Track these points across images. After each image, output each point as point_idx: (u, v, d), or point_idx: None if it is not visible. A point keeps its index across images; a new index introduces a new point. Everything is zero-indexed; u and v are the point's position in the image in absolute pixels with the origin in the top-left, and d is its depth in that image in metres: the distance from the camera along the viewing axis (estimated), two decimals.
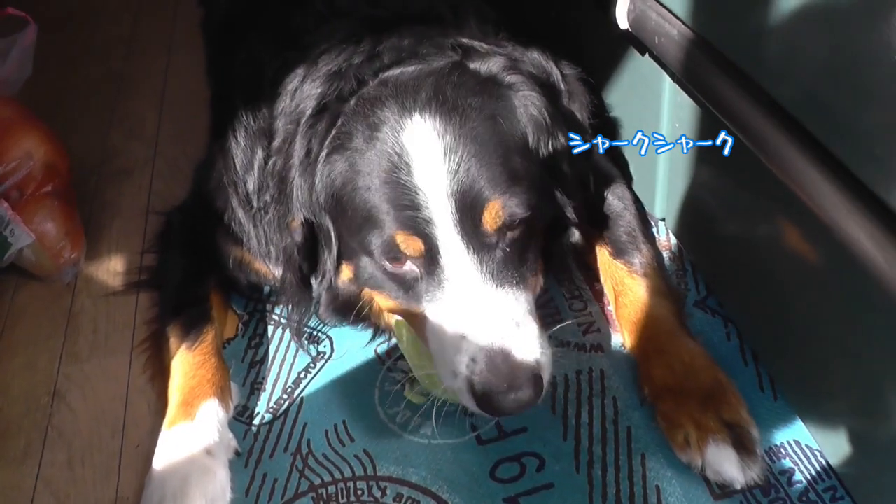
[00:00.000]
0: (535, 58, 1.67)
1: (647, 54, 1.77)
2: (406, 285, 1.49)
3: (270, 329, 1.91)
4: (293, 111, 1.61)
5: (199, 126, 2.25)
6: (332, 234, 1.56)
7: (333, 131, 1.50)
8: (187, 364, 1.70)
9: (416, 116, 1.42)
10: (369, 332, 1.76)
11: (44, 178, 2.17)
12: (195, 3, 2.61)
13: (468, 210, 1.39)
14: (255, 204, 1.71)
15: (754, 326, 1.68)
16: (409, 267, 1.46)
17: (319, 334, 1.87)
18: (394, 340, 1.76)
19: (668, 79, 1.72)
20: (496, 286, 1.42)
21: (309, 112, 1.56)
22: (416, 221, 1.40)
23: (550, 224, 1.61)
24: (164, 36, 3.32)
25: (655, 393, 1.59)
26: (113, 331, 1.99)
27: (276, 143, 1.64)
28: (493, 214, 1.41)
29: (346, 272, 1.60)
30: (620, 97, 2.00)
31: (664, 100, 1.75)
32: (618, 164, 1.98)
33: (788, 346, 1.55)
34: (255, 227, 1.74)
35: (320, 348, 1.84)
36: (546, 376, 1.42)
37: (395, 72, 1.53)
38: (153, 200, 2.38)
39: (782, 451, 1.51)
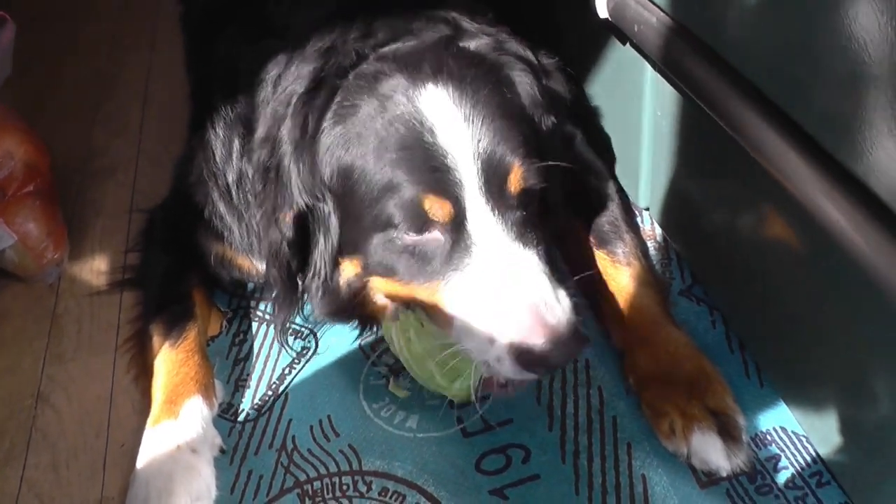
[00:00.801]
0: (514, 45, 1.66)
1: (627, 43, 1.76)
2: (426, 259, 1.43)
3: (255, 326, 1.90)
4: (281, 95, 1.55)
5: (183, 123, 2.22)
6: (335, 220, 1.49)
7: (334, 106, 1.45)
8: (170, 362, 1.69)
9: (430, 85, 1.40)
10: (356, 328, 1.74)
11: (25, 178, 2.15)
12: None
13: (494, 174, 1.38)
14: (234, 196, 1.69)
15: (740, 314, 1.68)
16: (433, 235, 1.41)
17: (303, 330, 1.86)
18: (379, 333, 1.75)
19: (649, 67, 1.71)
20: (523, 245, 1.40)
21: (301, 90, 1.50)
22: (445, 183, 1.36)
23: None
24: (146, 34, 3.30)
25: (640, 382, 1.59)
26: (97, 331, 1.97)
27: (259, 134, 1.58)
28: (517, 178, 1.40)
29: (352, 268, 1.54)
30: (603, 87, 2.00)
31: (646, 88, 1.75)
32: (601, 154, 1.97)
33: (774, 333, 1.55)
34: (236, 219, 1.73)
35: (304, 344, 1.83)
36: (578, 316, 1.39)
37: (392, 47, 1.51)
38: (137, 198, 2.37)
39: (768, 437, 1.52)
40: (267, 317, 1.91)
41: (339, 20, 1.62)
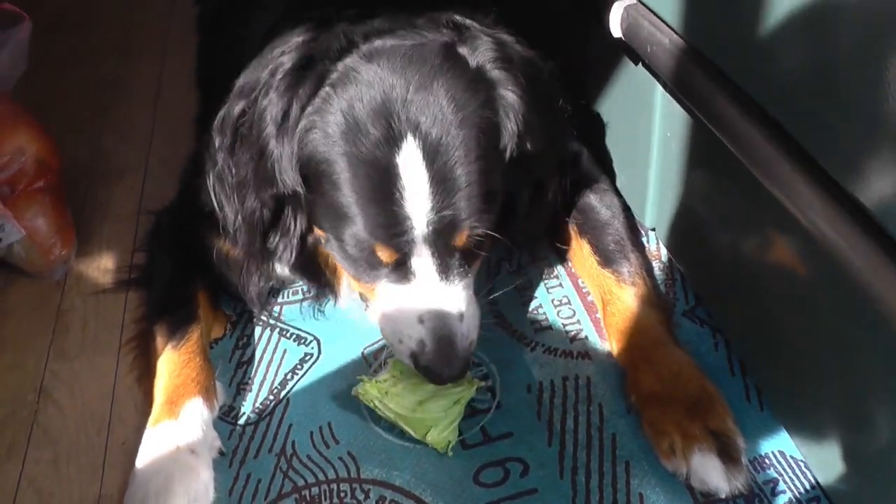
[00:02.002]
0: (515, 49, 1.63)
1: (639, 63, 1.78)
2: (370, 268, 1.56)
3: (258, 330, 1.90)
4: (268, 56, 1.56)
5: (193, 129, 2.25)
6: (304, 203, 1.55)
7: (317, 100, 1.46)
8: (172, 363, 1.69)
9: (411, 139, 1.42)
10: (356, 334, 1.81)
11: (35, 174, 2.16)
12: (191, 2, 2.62)
13: (444, 234, 1.48)
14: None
15: (742, 337, 1.68)
16: (377, 260, 1.53)
17: (307, 336, 1.87)
18: (382, 342, 1.76)
19: (659, 88, 1.72)
20: (450, 282, 1.53)
21: (289, 66, 1.50)
22: (398, 242, 1.47)
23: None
24: (159, 40, 3.32)
25: (642, 401, 1.59)
26: (101, 329, 1.98)
27: (238, 83, 1.59)
28: (464, 238, 1.50)
29: (319, 231, 1.61)
30: (613, 105, 2.01)
31: (656, 109, 1.76)
32: (604, 169, 2.00)
33: (776, 357, 1.55)
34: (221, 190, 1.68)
35: (307, 350, 1.83)
36: (474, 346, 1.58)
37: (387, 43, 1.49)
38: (145, 202, 2.37)
39: (767, 461, 1.52)
40: (271, 322, 1.92)
41: None
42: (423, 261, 1.50)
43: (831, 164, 1.17)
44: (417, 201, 1.43)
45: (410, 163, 1.42)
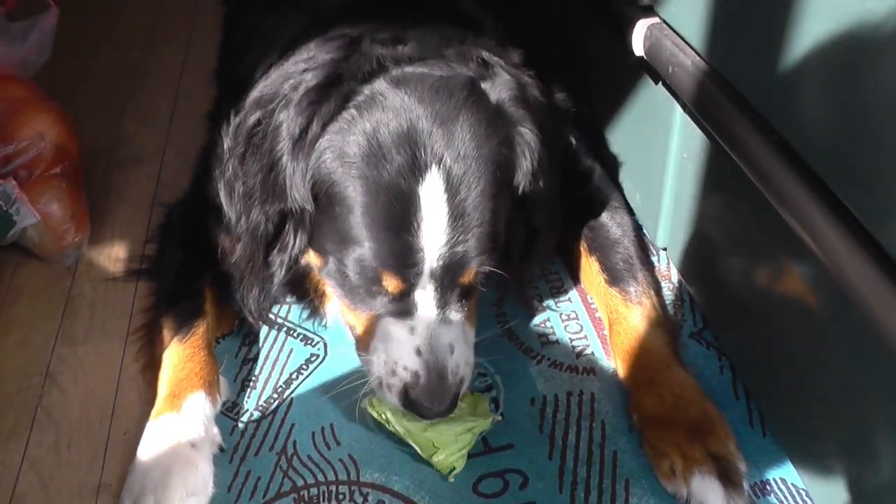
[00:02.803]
0: (533, 91, 1.63)
1: (660, 83, 1.78)
2: (368, 297, 1.54)
3: (266, 328, 1.90)
4: (291, 68, 1.54)
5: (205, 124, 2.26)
6: (310, 224, 1.54)
7: (340, 121, 1.45)
8: (177, 356, 1.69)
9: (435, 170, 1.41)
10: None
11: (53, 159, 2.17)
12: (216, 1, 2.63)
13: (451, 270, 1.47)
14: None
15: (748, 362, 1.68)
16: (379, 289, 1.51)
17: (314, 337, 1.87)
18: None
19: (679, 109, 1.72)
20: (447, 318, 1.53)
21: (313, 83, 1.48)
22: (407, 273, 1.46)
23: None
24: (183, 30, 3.35)
25: (644, 421, 1.59)
26: (110, 316, 1.99)
27: (253, 95, 1.57)
28: (469, 276, 1.51)
29: (314, 258, 1.60)
30: (630, 123, 2.01)
31: (674, 129, 1.76)
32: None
33: (781, 385, 1.55)
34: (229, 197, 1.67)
35: (313, 351, 1.84)
36: (464, 387, 1.57)
37: (416, 71, 1.48)
38: (160, 191, 2.39)
39: (768, 487, 1.51)
40: (279, 320, 1.93)
41: (373, 13, 1.61)
42: (426, 294, 1.49)
43: (849, 197, 1.17)
44: (434, 234, 1.43)
45: (433, 194, 1.42)
